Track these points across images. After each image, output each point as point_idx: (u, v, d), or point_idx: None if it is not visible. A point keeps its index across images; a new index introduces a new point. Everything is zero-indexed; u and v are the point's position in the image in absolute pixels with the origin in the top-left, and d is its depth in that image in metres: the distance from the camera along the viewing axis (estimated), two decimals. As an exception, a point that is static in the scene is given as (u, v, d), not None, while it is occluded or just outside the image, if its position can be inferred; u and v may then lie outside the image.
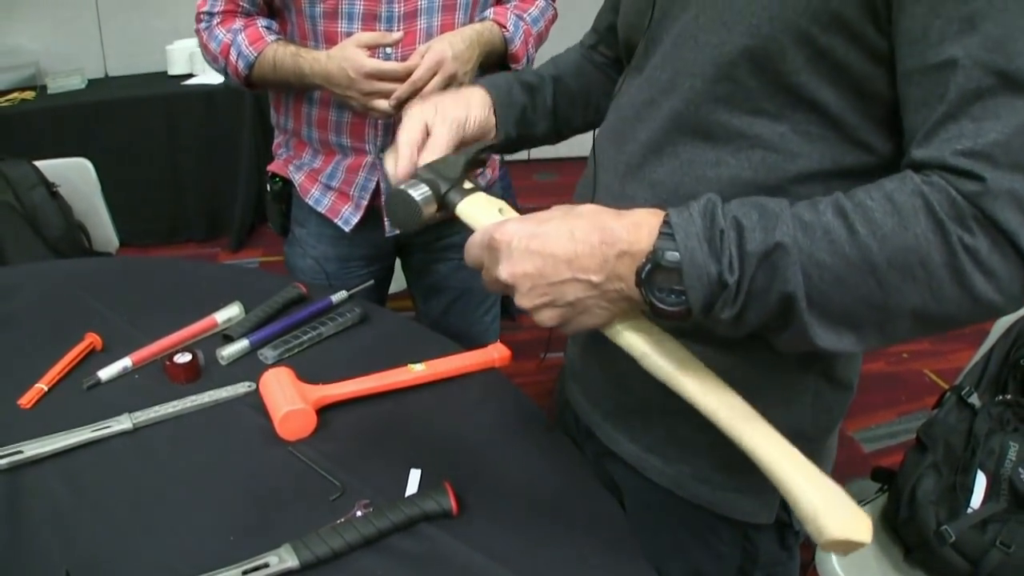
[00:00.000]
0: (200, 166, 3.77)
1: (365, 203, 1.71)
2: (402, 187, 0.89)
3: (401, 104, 1.46)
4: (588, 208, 0.79)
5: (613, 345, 1.02)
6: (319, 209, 1.74)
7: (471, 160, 0.96)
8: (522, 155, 4.40)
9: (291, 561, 0.94)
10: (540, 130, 1.16)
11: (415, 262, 1.91)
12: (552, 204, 0.99)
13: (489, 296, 1.92)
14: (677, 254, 0.72)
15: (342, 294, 1.53)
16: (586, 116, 1.21)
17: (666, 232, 0.73)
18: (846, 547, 0.72)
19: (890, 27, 0.74)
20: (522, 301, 0.79)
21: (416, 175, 0.92)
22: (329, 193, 1.73)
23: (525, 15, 1.67)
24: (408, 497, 1.04)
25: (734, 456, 0.97)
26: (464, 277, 1.86)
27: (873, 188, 0.72)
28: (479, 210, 0.89)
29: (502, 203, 0.89)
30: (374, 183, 1.68)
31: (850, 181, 0.80)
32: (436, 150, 0.96)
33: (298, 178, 1.77)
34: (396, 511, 1.01)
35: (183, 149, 3.76)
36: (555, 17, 1.78)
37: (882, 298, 0.71)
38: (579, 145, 1.17)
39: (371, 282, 1.68)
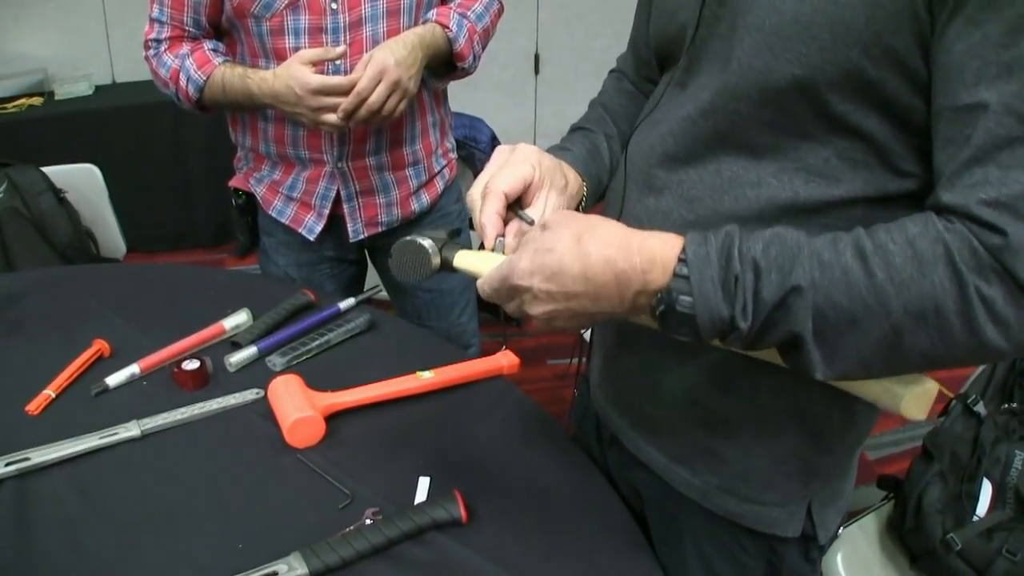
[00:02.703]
0: (207, 172, 3.76)
1: (327, 211, 1.73)
2: (409, 237, 0.93)
3: (349, 116, 1.47)
4: (597, 237, 0.78)
5: (641, 355, 1.02)
6: (282, 220, 1.77)
7: (452, 231, 0.99)
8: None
9: (300, 569, 0.95)
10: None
11: (381, 266, 1.93)
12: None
13: (462, 296, 1.94)
14: (691, 298, 0.73)
15: (350, 301, 1.54)
16: None
17: (681, 273, 0.74)
18: (923, 401, 0.81)
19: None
20: (556, 326, 0.82)
21: (412, 234, 0.96)
22: (291, 204, 1.75)
23: (469, 12, 1.67)
24: (417, 505, 1.04)
25: (761, 467, 0.97)
26: (434, 279, 1.87)
27: (895, 230, 0.72)
28: (476, 257, 0.91)
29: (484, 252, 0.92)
30: (334, 191, 1.70)
31: (891, 208, 0.80)
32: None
33: (260, 191, 1.79)
34: (405, 519, 1.01)
35: (190, 155, 3.76)
36: (501, 10, 1.78)
37: (894, 341, 0.72)
38: None
39: (380, 289, 1.68)
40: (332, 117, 1.47)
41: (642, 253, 0.76)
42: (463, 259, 0.92)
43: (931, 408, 0.81)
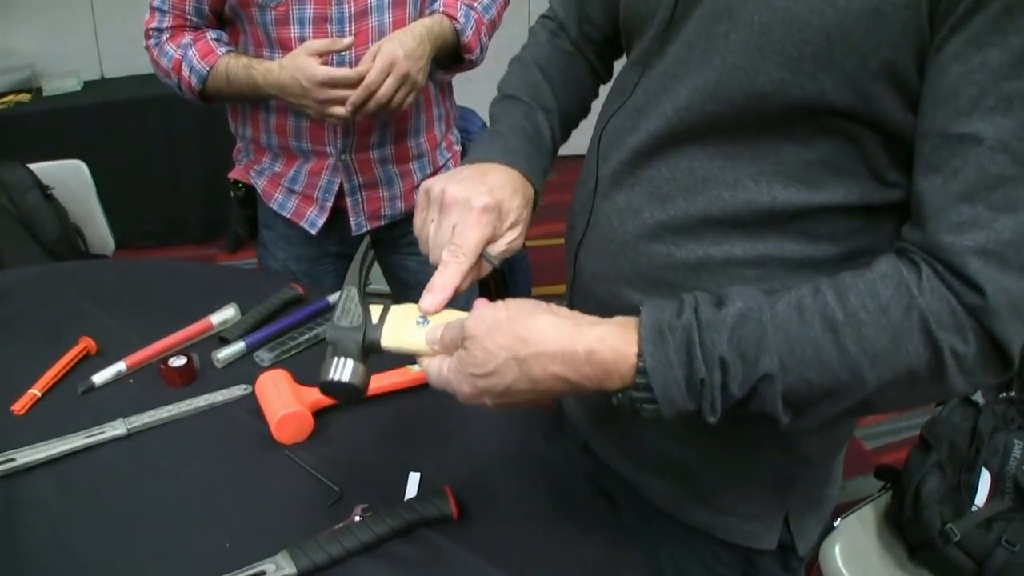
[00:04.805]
0: (198, 167, 3.75)
1: (330, 204, 1.71)
2: (328, 378, 0.84)
3: (357, 109, 1.45)
4: (537, 352, 0.74)
5: None
6: (284, 213, 1.74)
7: (361, 280, 0.92)
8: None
9: (288, 568, 0.93)
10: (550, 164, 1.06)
11: (385, 259, 1.90)
12: (550, 202, 0.95)
13: (464, 292, 1.90)
14: (655, 405, 0.72)
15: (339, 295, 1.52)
16: (578, 120, 1.14)
17: (641, 384, 0.72)
18: None
19: None
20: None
21: (328, 349, 0.86)
22: (293, 197, 1.73)
23: (476, 4, 1.65)
24: (407, 501, 1.03)
25: (734, 479, 0.95)
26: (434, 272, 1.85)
27: (867, 295, 0.69)
28: (402, 336, 0.85)
29: (415, 311, 0.86)
30: (337, 184, 1.68)
31: (874, 218, 0.78)
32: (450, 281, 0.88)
33: (260, 183, 1.76)
34: (395, 516, 0.99)
35: (180, 150, 3.74)
36: (507, 2, 1.76)
37: (866, 401, 0.71)
38: (577, 144, 1.10)
39: (369, 283, 1.66)
40: (339, 110, 1.46)
41: (593, 364, 0.73)
42: (390, 339, 0.85)
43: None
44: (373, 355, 0.87)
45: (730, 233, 0.82)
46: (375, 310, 0.87)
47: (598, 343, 0.73)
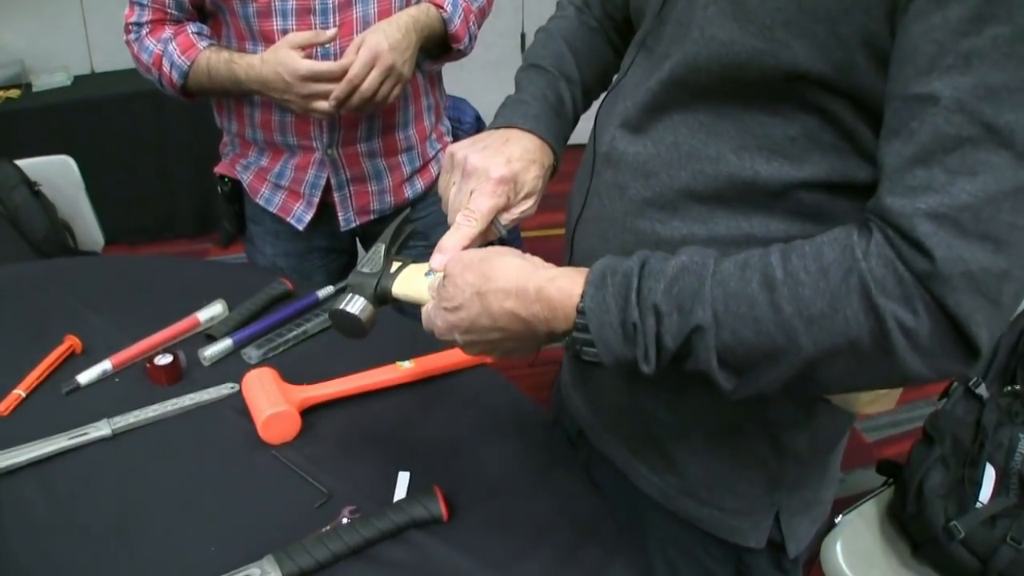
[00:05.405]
0: (189, 161, 3.72)
1: (316, 200, 1.68)
2: (339, 307, 0.94)
3: (341, 103, 1.43)
4: (495, 288, 0.80)
5: None
6: (270, 209, 1.72)
7: (391, 240, 1.00)
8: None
9: (274, 573, 0.92)
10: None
11: None
12: (548, 192, 0.98)
13: None
14: (595, 349, 0.75)
15: (328, 290, 1.50)
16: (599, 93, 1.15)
17: (581, 324, 0.75)
18: (885, 400, 0.89)
19: None
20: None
21: (346, 285, 0.97)
22: (279, 192, 1.71)
23: None
24: (396, 502, 1.01)
25: (721, 473, 0.94)
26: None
27: (811, 256, 0.68)
28: (409, 286, 0.94)
29: (425, 266, 0.93)
30: (324, 179, 1.66)
31: (860, 196, 0.75)
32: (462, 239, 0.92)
33: (246, 178, 1.74)
34: (384, 518, 0.98)
35: (172, 144, 3.71)
36: None
37: (807, 372, 0.70)
38: (577, 133, 1.11)
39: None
40: (323, 104, 1.43)
41: (541, 302, 0.77)
42: (401, 287, 0.94)
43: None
44: (385, 305, 0.97)
45: (714, 210, 0.82)
46: (395, 265, 0.96)
47: (547, 282, 0.77)
